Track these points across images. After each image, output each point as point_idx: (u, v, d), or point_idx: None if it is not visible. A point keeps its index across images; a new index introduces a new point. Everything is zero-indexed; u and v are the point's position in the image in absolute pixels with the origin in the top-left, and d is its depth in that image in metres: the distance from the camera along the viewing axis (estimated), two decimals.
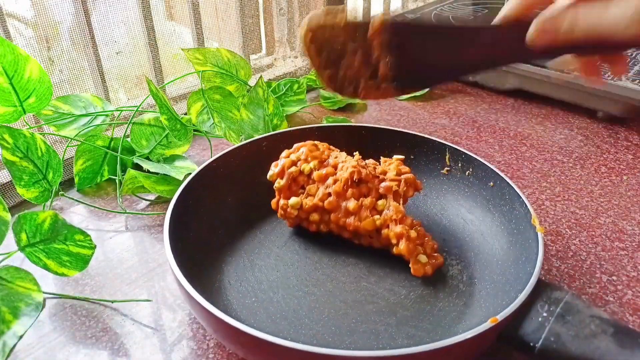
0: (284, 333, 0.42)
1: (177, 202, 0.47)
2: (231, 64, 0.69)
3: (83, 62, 0.66)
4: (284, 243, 0.52)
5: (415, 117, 0.79)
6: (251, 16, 0.82)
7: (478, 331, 0.34)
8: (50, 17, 0.61)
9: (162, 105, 0.58)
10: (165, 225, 0.44)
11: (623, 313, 0.46)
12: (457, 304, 0.44)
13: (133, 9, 0.68)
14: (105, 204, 0.60)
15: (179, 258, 0.41)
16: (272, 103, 0.68)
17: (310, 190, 0.49)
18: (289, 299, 0.45)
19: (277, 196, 0.51)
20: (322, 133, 0.59)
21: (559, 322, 0.36)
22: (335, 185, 0.47)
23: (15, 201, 0.59)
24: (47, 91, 0.55)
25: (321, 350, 0.33)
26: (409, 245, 0.45)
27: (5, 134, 0.49)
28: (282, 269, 0.48)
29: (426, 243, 0.47)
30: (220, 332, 0.39)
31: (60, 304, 0.47)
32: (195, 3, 0.73)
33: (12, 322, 0.40)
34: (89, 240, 0.46)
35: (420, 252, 0.46)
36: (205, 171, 0.52)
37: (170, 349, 0.42)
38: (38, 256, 0.45)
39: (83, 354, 0.42)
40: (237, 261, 0.49)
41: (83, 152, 0.60)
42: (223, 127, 0.64)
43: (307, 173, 0.49)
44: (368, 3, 1.04)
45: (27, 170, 0.51)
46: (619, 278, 0.49)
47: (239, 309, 0.44)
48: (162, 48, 0.72)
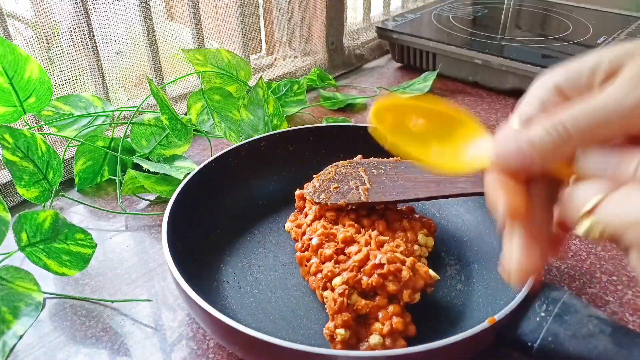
0: (282, 333, 0.42)
1: (175, 202, 0.47)
2: (231, 64, 0.69)
3: (83, 62, 0.66)
4: (282, 243, 0.52)
5: None
6: (251, 16, 0.82)
7: (476, 331, 0.34)
8: (50, 17, 0.61)
9: (163, 105, 0.58)
10: (163, 225, 0.44)
11: (623, 313, 0.46)
12: (456, 304, 0.44)
13: (133, 9, 0.68)
14: (105, 204, 0.60)
15: (177, 258, 0.41)
16: (272, 103, 0.68)
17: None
18: (287, 299, 0.45)
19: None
20: (320, 133, 0.59)
21: (556, 321, 0.36)
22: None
23: (15, 201, 0.59)
24: (47, 91, 0.55)
25: (319, 351, 0.34)
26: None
27: (5, 133, 0.49)
28: (280, 269, 0.49)
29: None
30: (218, 333, 0.39)
31: (60, 304, 0.47)
32: (195, 3, 0.73)
33: (12, 322, 0.40)
34: (90, 239, 0.46)
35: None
36: (204, 171, 0.52)
37: (170, 349, 0.42)
38: (38, 256, 0.45)
39: (83, 354, 0.42)
40: (236, 261, 0.49)
41: (83, 153, 0.61)
42: (223, 127, 0.64)
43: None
44: (368, 3, 1.04)
45: (27, 170, 0.51)
46: (619, 278, 0.49)
47: (237, 309, 0.44)
48: (162, 48, 0.72)
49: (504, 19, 1.00)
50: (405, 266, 0.41)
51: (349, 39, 0.97)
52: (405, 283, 0.40)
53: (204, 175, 0.52)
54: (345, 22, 0.93)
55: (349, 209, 0.49)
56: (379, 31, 0.94)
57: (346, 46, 0.95)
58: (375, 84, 0.89)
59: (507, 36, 0.91)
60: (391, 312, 0.40)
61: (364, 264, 0.42)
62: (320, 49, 0.91)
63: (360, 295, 0.41)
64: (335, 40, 0.92)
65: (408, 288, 0.40)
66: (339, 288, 0.40)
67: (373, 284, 0.40)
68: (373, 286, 0.40)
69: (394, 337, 0.39)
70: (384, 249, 0.43)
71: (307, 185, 0.51)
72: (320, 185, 0.50)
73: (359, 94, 0.87)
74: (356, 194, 0.49)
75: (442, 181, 0.47)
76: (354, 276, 0.41)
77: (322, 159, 0.55)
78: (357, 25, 1.03)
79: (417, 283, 0.41)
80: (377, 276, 0.40)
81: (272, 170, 0.58)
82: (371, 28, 1.03)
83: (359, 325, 0.40)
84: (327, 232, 0.46)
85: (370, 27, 1.03)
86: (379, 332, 0.39)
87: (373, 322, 0.40)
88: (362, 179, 0.50)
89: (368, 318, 0.41)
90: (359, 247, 0.44)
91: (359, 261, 0.42)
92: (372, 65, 0.99)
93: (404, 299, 0.40)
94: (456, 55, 0.86)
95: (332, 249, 0.44)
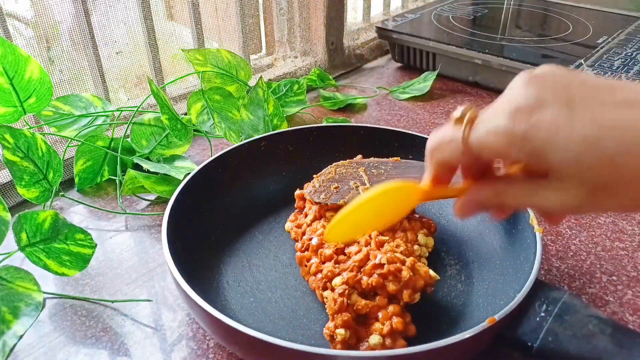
0: (282, 333, 0.42)
1: (175, 202, 0.47)
2: (231, 64, 0.69)
3: (83, 62, 0.66)
4: (282, 243, 0.52)
5: (416, 117, 0.79)
6: (251, 16, 0.82)
7: (476, 331, 0.34)
8: (50, 17, 0.61)
9: (163, 105, 0.58)
10: (163, 225, 0.44)
11: (623, 313, 0.46)
12: (456, 304, 0.44)
13: (133, 9, 0.68)
14: (105, 204, 0.60)
15: (177, 258, 0.41)
16: (272, 103, 0.68)
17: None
18: (287, 299, 0.45)
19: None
20: (320, 133, 0.59)
21: (556, 321, 0.36)
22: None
23: (15, 201, 0.59)
24: (47, 91, 0.55)
25: (319, 351, 0.34)
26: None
27: (6, 133, 0.49)
28: (280, 269, 0.49)
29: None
30: (218, 333, 0.39)
31: (60, 304, 0.47)
32: (195, 3, 0.73)
33: (12, 322, 0.40)
34: (90, 239, 0.46)
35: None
36: (204, 171, 0.52)
37: (170, 349, 0.42)
38: (38, 256, 0.45)
39: (83, 354, 0.42)
40: (236, 261, 0.49)
41: (83, 153, 0.61)
42: (223, 127, 0.64)
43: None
44: (368, 3, 1.04)
45: (27, 170, 0.51)
46: (619, 278, 0.49)
47: (237, 309, 0.44)
48: (162, 48, 0.72)
49: (504, 19, 1.00)
50: (405, 266, 0.41)
51: (349, 39, 0.97)
52: (405, 283, 0.40)
53: (204, 175, 0.52)
54: (345, 22, 0.93)
55: None
56: (379, 31, 0.94)
57: (346, 46, 0.95)
58: (375, 84, 0.90)
59: (507, 36, 0.91)
60: (391, 312, 0.40)
61: (364, 264, 0.42)
62: (320, 49, 0.91)
63: (360, 295, 0.41)
64: (335, 40, 0.92)
65: (408, 288, 0.40)
66: (339, 288, 0.40)
67: (373, 284, 0.40)
68: (373, 286, 0.40)
69: (394, 337, 0.39)
70: (384, 249, 0.43)
71: (307, 185, 0.51)
72: (320, 185, 0.50)
73: (359, 94, 0.87)
74: (356, 194, 0.49)
75: None
76: (354, 276, 0.41)
77: (322, 159, 0.55)
78: (357, 25, 1.03)
79: (417, 283, 0.41)
80: (377, 276, 0.40)
81: (272, 170, 0.58)
82: (371, 28, 1.03)
83: (358, 325, 0.40)
84: None
85: (370, 27, 1.03)
86: (379, 332, 0.39)
87: (373, 322, 0.40)
88: (362, 178, 0.50)
89: (368, 318, 0.41)
90: (359, 247, 0.44)
91: (359, 261, 0.42)
92: (372, 65, 0.99)
93: (404, 299, 0.40)
94: (456, 55, 0.86)
95: (332, 249, 0.44)
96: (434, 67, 0.90)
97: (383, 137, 0.58)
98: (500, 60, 0.82)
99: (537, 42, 0.89)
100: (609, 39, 0.87)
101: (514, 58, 0.81)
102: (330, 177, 0.51)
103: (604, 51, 0.82)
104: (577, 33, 0.92)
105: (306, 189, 0.51)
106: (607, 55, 0.80)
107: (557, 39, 0.89)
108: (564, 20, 0.99)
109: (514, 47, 0.86)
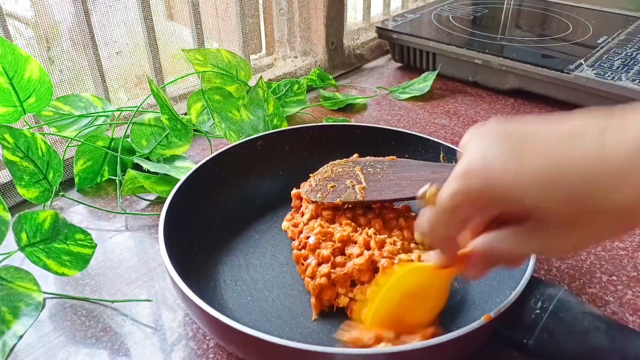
0: (279, 332, 0.42)
1: (172, 202, 0.47)
2: (231, 64, 0.69)
3: (83, 62, 0.66)
4: (279, 242, 0.52)
5: (415, 117, 0.79)
6: (251, 16, 0.82)
7: (472, 328, 0.34)
8: (50, 17, 0.61)
9: (163, 105, 0.59)
10: (160, 225, 0.44)
11: (623, 313, 0.46)
12: (452, 301, 0.44)
13: (133, 9, 0.68)
14: (105, 204, 0.60)
15: (175, 258, 0.41)
16: (272, 103, 0.68)
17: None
18: (284, 297, 0.45)
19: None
20: (316, 132, 0.59)
21: (552, 318, 0.36)
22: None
23: (15, 201, 0.59)
24: (47, 91, 0.55)
25: (316, 349, 0.34)
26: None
27: (6, 133, 0.49)
28: (277, 268, 0.49)
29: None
30: (215, 332, 0.39)
31: (60, 304, 0.47)
32: (195, 3, 0.73)
33: (12, 322, 0.40)
34: (90, 239, 0.46)
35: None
36: (200, 171, 0.52)
37: (170, 349, 0.43)
38: (38, 256, 0.45)
39: (83, 354, 0.42)
40: (233, 261, 0.49)
41: (83, 153, 0.61)
42: (223, 127, 0.65)
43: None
44: (368, 3, 1.04)
45: (27, 170, 0.51)
46: (619, 278, 0.49)
47: (234, 308, 0.44)
48: (162, 48, 0.72)
49: (504, 19, 1.00)
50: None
51: (349, 39, 0.97)
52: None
53: (201, 175, 0.52)
54: (345, 22, 0.93)
55: (346, 208, 0.49)
56: (379, 31, 0.94)
57: (346, 46, 0.95)
58: (375, 84, 0.90)
59: (507, 36, 0.91)
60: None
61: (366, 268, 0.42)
62: (320, 49, 0.91)
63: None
64: (335, 40, 0.92)
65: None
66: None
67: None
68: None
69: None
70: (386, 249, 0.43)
71: (303, 184, 0.52)
72: (316, 184, 0.50)
73: (359, 94, 0.87)
74: (352, 192, 0.49)
75: (438, 179, 0.47)
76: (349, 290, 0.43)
77: (318, 158, 0.55)
78: (357, 25, 1.03)
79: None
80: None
81: (268, 169, 0.58)
82: (371, 28, 1.03)
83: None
84: (325, 231, 0.46)
85: (370, 27, 1.03)
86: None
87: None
88: (359, 177, 0.50)
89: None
90: (360, 248, 0.44)
91: (360, 265, 0.42)
92: (372, 65, 0.99)
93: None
94: (456, 55, 0.86)
95: (330, 250, 0.44)
96: (434, 67, 0.90)
97: (379, 136, 0.59)
98: (500, 60, 0.82)
99: (537, 42, 0.89)
100: (609, 39, 0.87)
101: (514, 58, 0.81)
102: (326, 176, 0.51)
103: (604, 51, 0.82)
104: (577, 33, 0.92)
105: (303, 188, 0.51)
106: (607, 55, 0.80)
107: (557, 39, 0.89)
108: (564, 20, 0.99)
109: (514, 47, 0.86)
